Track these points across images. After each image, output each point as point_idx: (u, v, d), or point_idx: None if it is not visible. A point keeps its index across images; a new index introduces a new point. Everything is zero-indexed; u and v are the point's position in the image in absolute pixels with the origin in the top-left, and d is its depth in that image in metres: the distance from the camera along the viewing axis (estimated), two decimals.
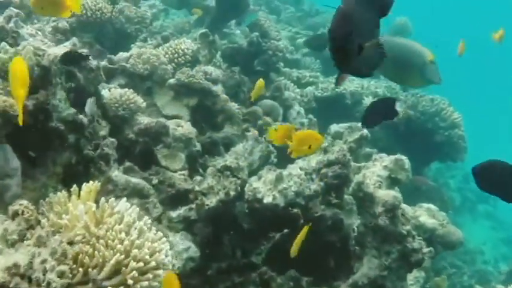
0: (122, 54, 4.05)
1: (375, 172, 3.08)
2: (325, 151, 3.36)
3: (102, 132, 3.06)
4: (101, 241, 1.62)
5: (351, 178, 3.22)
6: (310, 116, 4.57)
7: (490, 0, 23.81)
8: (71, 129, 2.68)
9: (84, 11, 4.36)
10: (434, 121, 5.28)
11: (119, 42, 4.60)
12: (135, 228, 1.72)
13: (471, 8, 24.92)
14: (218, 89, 3.76)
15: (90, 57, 2.85)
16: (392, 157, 3.20)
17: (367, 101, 5.45)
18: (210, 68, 3.81)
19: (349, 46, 1.33)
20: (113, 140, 2.78)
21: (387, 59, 1.55)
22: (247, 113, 4.41)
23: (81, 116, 2.65)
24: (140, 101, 3.17)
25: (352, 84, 5.75)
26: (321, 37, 4.80)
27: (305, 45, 4.65)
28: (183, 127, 3.30)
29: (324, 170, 3.22)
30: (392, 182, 3.08)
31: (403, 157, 3.19)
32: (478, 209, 10.44)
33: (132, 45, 4.35)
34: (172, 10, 8.68)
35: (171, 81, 3.68)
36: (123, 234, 1.66)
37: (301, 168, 3.24)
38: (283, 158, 4.26)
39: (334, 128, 4.85)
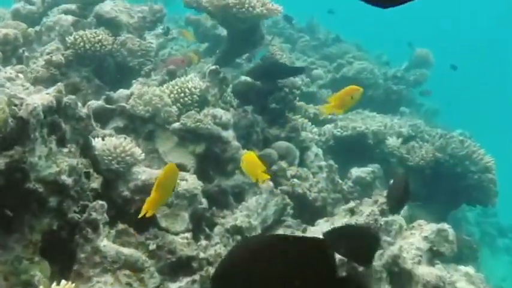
0: (122, 92, 3.64)
1: (413, 244, 2.61)
2: (352, 212, 2.89)
3: (94, 185, 2.63)
4: None
5: (382, 246, 2.74)
6: (331, 161, 4.12)
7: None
8: (52, 190, 2.26)
9: (82, 43, 3.97)
10: (465, 165, 4.81)
11: (120, 76, 4.21)
12: None
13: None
14: (228, 135, 3.33)
15: (79, 105, 2.42)
16: (434, 226, 2.72)
17: (391, 141, 5.00)
18: (219, 111, 3.37)
19: None
20: (102, 203, 2.33)
21: None
22: (261, 157, 3.97)
23: (64, 177, 2.22)
24: (138, 152, 2.73)
25: (374, 122, 5.30)
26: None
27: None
28: (187, 181, 2.85)
29: None
30: (433, 255, 2.61)
31: (446, 226, 2.72)
32: (498, 244, 10.03)
33: (134, 80, 3.93)
34: (181, 36, 8.37)
35: (176, 125, 3.25)
36: None
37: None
38: (302, 210, 3.82)
39: (355, 172, 4.41)
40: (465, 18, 24.96)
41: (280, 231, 3.03)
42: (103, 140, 2.75)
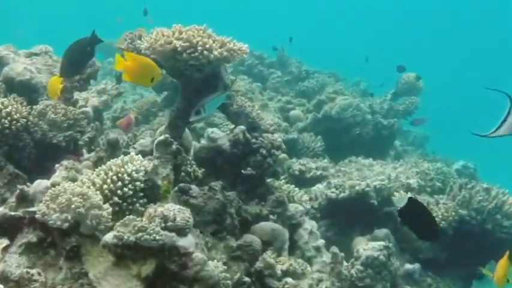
0: (40, 184, 2.60)
1: None
2: None
3: None
4: None
5: None
6: (334, 249, 3.10)
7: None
8: None
9: None
10: (495, 219, 3.84)
11: (42, 159, 3.16)
12: None
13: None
14: (188, 243, 2.27)
15: None
16: None
17: (398, 196, 4.01)
18: (171, 208, 2.32)
19: None
20: None
21: None
22: (239, 248, 2.94)
23: None
24: None
25: (373, 173, 4.33)
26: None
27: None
28: None
29: None
30: None
31: None
32: None
33: (57, 165, 2.87)
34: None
35: (108, 239, 2.20)
36: None
37: None
38: None
39: (363, 251, 3.40)
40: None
41: None
42: None
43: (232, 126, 3.81)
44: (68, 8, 23.35)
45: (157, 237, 2.14)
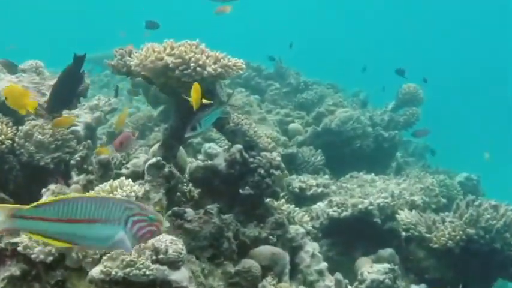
0: None
1: None
2: None
3: None
4: None
5: None
6: (338, 275, 2.94)
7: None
8: None
9: None
10: (504, 238, 3.68)
11: (29, 182, 3.01)
12: None
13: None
14: (181, 276, 2.12)
15: None
16: None
17: (403, 215, 3.86)
18: (163, 239, 2.16)
19: None
20: None
21: None
22: (237, 274, 2.79)
23: None
24: None
25: (375, 189, 4.17)
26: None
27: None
28: None
29: None
30: None
31: None
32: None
33: (44, 189, 2.72)
34: (136, 97, 7.23)
35: (95, 274, 2.04)
36: None
37: None
38: None
39: (368, 274, 3.23)
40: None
41: None
42: None
43: None
44: (69, 21, 23.27)
45: (148, 272, 1.98)
